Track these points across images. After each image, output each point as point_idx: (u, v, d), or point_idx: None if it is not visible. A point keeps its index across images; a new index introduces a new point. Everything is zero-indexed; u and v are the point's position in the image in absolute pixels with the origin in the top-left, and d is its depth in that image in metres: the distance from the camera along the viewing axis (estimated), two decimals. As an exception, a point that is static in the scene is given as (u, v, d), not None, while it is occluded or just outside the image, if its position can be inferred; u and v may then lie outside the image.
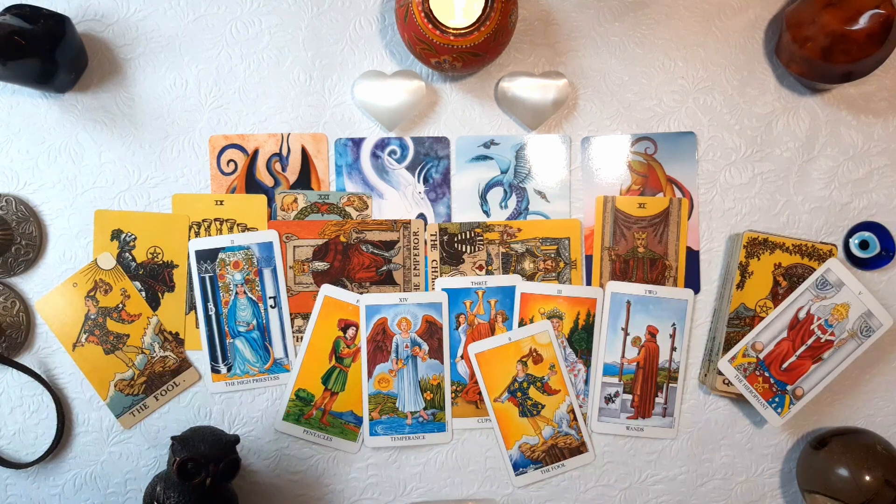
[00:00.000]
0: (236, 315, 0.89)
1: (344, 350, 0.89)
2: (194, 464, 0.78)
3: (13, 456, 0.89)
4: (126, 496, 0.89)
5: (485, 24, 0.79)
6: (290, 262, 0.89)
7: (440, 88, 0.90)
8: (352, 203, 0.89)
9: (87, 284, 0.88)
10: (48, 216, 0.88)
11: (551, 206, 0.90)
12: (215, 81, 0.89)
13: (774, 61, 0.91)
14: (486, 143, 0.90)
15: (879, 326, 0.86)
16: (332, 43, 0.90)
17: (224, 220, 0.89)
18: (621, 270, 0.90)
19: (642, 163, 0.90)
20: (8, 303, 0.87)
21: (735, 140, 0.90)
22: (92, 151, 0.89)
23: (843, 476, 0.83)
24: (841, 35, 0.80)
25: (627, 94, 0.90)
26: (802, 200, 0.91)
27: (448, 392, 0.89)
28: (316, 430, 0.89)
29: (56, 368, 0.88)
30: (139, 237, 0.88)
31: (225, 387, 0.89)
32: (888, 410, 0.91)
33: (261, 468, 0.89)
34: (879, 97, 0.90)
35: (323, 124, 0.90)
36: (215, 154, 0.89)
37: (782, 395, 0.86)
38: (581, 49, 0.90)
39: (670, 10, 0.91)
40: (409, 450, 0.90)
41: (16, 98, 0.88)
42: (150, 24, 0.89)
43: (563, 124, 0.90)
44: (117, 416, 0.88)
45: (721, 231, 0.90)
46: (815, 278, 0.86)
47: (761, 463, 0.91)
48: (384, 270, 0.89)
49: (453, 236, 0.89)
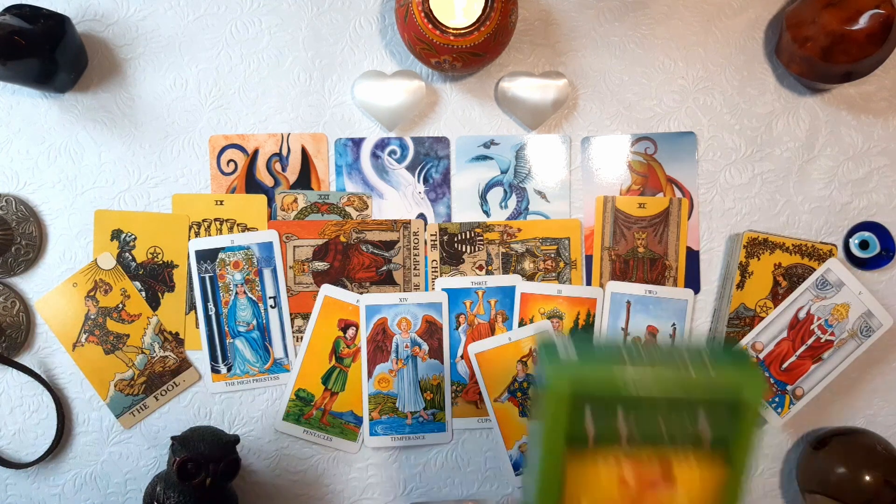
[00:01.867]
0: (236, 315, 0.89)
1: (344, 350, 0.89)
2: (194, 464, 0.78)
3: (13, 456, 0.89)
4: (126, 496, 0.89)
5: (485, 24, 0.79)
6: (290, 262, 0.89)
7: (440, 88, 0.90)
8: (352, 203, 0.89)
9: (87, 284, 0.88)
10: (48, 216, 0.88)
11: (551, 206, 0.90)
12: (215, 81, 0.89)
13: (774, 61, 0.91)
14: (486, 143, 0.90)
15: (879, 326, 0.86)
16: (332, 43, 0.90)
17: (224, 220, 0.89)
18: (621, 270, 0.90)
19: (642, 163, 0.90)
20: (8, 303, 0.87)
21: (735, 140, 0.90)
22: (92, 151, 0.89)
23: (843, 476, 0.83)
24: (841, 35, 0.80)
25: (627, 94, 0.90)
26: (802, 200, 0.91)
27: (448, 392, 0.89)
28: (316, 430, 0.89)
29: (56, 368, 0.88)
30: (139, 237, 0.88)
31: (225, 387, 0.89)
32: (888, 410, 0.91)
33: (261, 468, 0.89)
34: (879, 97, 0.90)
35: (323, 124, 0.90)
36: (215, 154, 0.89)
37: (782, 395, 0.86)
38: (581, 49, 0.90)
39: (670, 10, 0.91)
40: (409, 450, 0.90)
41: (16, 98, 0.88)
42: (150, 24, 0.89)
43: (563, 124, 0.90)
44: (117, 416, 0.88)
45: (721, 231, 0.90)
46: (815, 278, 0.86)
47: (761, 463, 0.91)
48: (384, 270, 0.89)
49: (453, 236, 0.89)
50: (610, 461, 0.53)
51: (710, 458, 0.53)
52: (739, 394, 0.52)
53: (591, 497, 0.54)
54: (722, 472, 0.53)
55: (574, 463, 0.53)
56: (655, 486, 0.53)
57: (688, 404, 0.52)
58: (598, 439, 0.53)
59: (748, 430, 0.53)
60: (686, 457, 0.53)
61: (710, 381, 0.51)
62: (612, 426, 0.52)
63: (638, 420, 0.52)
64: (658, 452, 0.53)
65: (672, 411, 0.52)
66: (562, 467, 0.53)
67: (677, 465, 0.53)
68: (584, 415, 0.53)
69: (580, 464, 0.53)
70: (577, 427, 0.53)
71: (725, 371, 0.52)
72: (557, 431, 0.53)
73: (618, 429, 0.52)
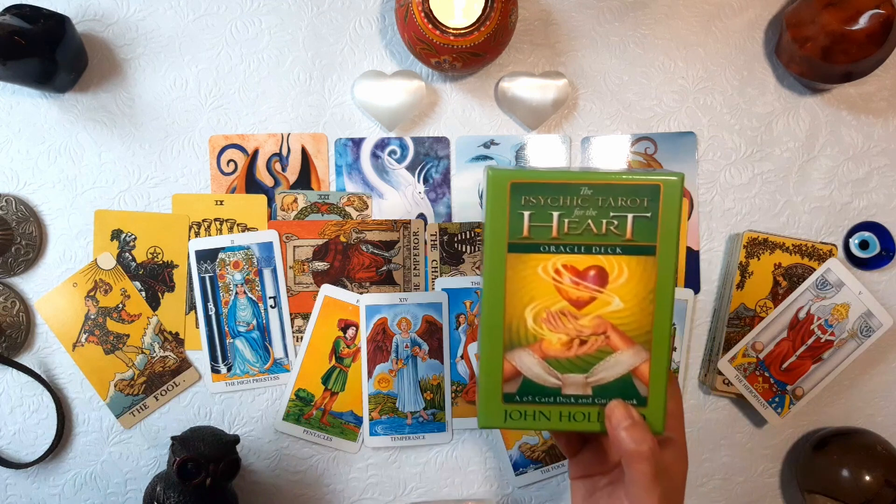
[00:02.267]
0: (236, 315, 0.89)
1: (344, 350, 0.89)
2: (194, 464, 0.78)
3: (13, 456, 0.89)
4: (126, 496, 0.89)
5: (485, 24, 0.79)
6: (290, 262, 0.89)
7: (440, 88, 0.90)
8: (352, 203, 0.89)
9: (87, 284, 0.88)
10: (48, 216, 0.88)
11: (551, 206, 0.90)
12: (215, 81, 0.89)
13: (774, 61, 0.91)
14: (486, 143, 0.90)
15: (879, 326, 0.86)
16: (332, 43, 0.90)
17: (224, 220, 0.89)
18: (621, 270, 0.90)
19: (642, 163, 0.90)
20: (8, 303, 0.87)
21: (735, 140, 0.90)
22: (92, 151, 0.89)
23: (843, 476, 0.83)
24: (841, 35, 0.80)
25: (627, 94, 0.90)
26: (802, 200, 0.91)
27: (448, 392, 0.89)
28: (316, 430, 0.89)
29: (56, 368, 0.88)
30: (139, 237, 0.88)
31: (225, 387, 0.89)
32: (888, 410, 0.91)
33: (261, 468, 0.89)
34: (879, 97, 0.90)
35: (323, 124, 0.90)
36: (215, 154, 0.89)
37: (782, 395, 0.86)
38: (581, 49, 0.90)
39: (670, 10, 0.91)
40: (409, 450, 0.90)
41: (16, 98, 0.88)
42: (150, 24, 0.89)
43: (563, 124, 0.90)
44: (117, 416, 0.88)
45: (721, 231, 0.90)
46: (815, 278, 0.86)
47: (761, 463, 0.91)
48: (384, 270, 0.89)
49: (453, 236, 0.90)
50: (547, 261, 0.59)
51: (639, 258, 0.59)
52: (660, 182, 0.58)
53: (530, 291, 0.59)
54: (652, 266, 0.59)
55: (514, 262, 0.59)
56: (588, 280, 0.59)
57: (614, 197, 0.59)
58: (534, 243, 0.59)
59: (670, 214, 0.58)
60: (617, 257, 0.59)
61: (633, 176, 0.58)
62: (547, 229, 0.59)
63: (570, 223, 0.59)
64: (590, 255, 0.59)
65: (601, 210, 0.59)
66: (503, 264, 0.59)
67: (608, 266, 0.59)
68: (523, 217, 0.59)
69: (520, 263, 0.59)
70: (516, 229, 0.59)
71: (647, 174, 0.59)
72: (499, 227, 0.59)
73: (552, 232, 0.59)
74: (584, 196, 0.59)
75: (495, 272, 0.59)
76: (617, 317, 0.60)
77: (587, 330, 0.60)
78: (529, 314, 0.60)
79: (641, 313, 0.59)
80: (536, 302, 0.60)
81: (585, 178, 0.58)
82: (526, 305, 0.60)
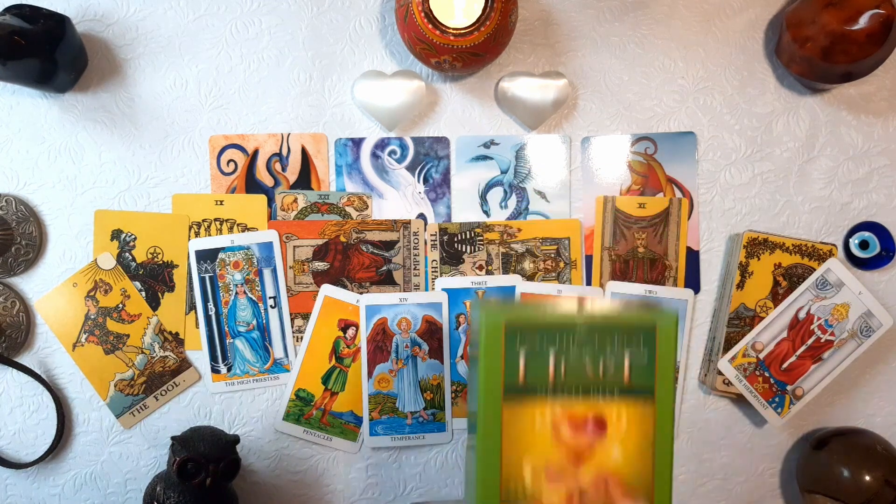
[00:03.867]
0: (236, 315, 0.89)
1: (344, 350, 0.89)
2: (194, 464, 0.78)
3: (13, 456, 0.89)
4: (126, 496, 0.89)
5: (485, 24, 0.79)
6: (290, 262, 0.89)
7: (440, 88, 0.90)
8: (352, 203, 0.89)
9: (87, 284, 0.88)
10: (48, 216, 0.88)
11: (551, 206, 0.90)
12: (215, 81, 0.89)
13: (774, 61, 0.91)
14: (486, 143, 0.90)
15: (879, 326, 0.86)
16: (332, 43, 0.90)
17: (224, 220, 0.89)
18: (621, 270, 0.90)
19: (642, 163, 0.90)
20: (8, 303, 0.87)
21: (735, 140, 0.90)
22: (92, 151, 0.89)
23: (843, 476, 0.83)
24: (841, 35, 0.80)
25: (627, 94, 0.90)
26: (802, 200, 0.91)
27: (448, 392, 0.89)
28: (316, 430, 0.89)
29: (56, 368, 0.88)
30: (139, 237, 0.88)
31: (225, 387, 0.89)
32: (888, 410, 0.91)
33: (261, 468, 0.89)
34: (879, 97, 0.90)
35: (323, 124, 0.90)
36: (215, 154, 0.89)
37: (782, 395, 0.86)
38: (581, 49, 0.90)
39: (670, 10, 0.91)
40: (409, 450, 0.90)
41: (16, 98, 0.88)
42: (150, 24, 0.89)
43: (563, 124, 0.90)
44: (117, 416, 0.88)
45: (721, 231, 0.90)
46: (815, 278, 0.86)
47: (761, 463, 0.91)
48: (384, 270, 0.89)
49: (453, 236, 0.90)
50: (544, 407, 0.58)
51: (637, 402, 0.58)
52: (655, 322, 0.58)
53: (527, 441, 0.58)
54: (650, 412, 0.58)
55: (510, 409, 0.57)
56: (587, 430, 0.58)
57: (611, 338, 0.57)
58: (531, 387, 0.57)
59: (666, 357, 0.58)
60: (614, 402, 0.58)
61: (629, 315, 0.58)
62: (543, 373, 0.57)
63: (567, 366, 0.57)
64: (588, 400, 0.58)
65: (598, 350, 0.57)
66: (499, 412, 0.57)
67: (606, 410, 0.58)
68: (518, 359, 0.57)
69: (516, 410, 0.58)
70: (512, 373, 0.57)
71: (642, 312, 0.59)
72: (494, 371, 0.57)
73: (549, 375, 0.57)
74: (579, 335, 0.57)
75: (491, 422, 0.57)
76: (616, 468, 0.58)
77: (587, 484, 0.58)
78: (527, 468, 0.58)
79: (641, 462, 0.58)
80: (534, 454, 0.58)
81: (581, 319, 0.57)
82: (523, 457, 0.58)
